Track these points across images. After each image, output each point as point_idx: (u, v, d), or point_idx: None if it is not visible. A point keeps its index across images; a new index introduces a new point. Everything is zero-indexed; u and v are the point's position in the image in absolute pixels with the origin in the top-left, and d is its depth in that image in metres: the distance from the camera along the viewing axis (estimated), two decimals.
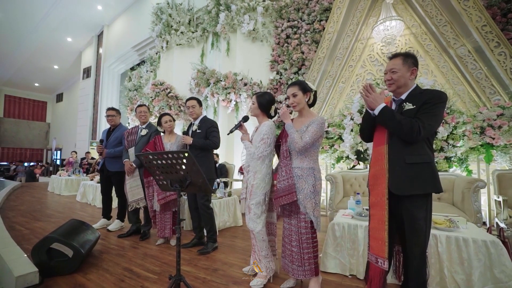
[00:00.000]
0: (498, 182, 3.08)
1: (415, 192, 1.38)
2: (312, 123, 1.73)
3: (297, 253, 1.75)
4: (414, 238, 1.39)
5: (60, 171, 7.67)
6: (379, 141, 1.53)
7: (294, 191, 1.72)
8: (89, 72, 12.14)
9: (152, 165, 1.53)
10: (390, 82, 1.51)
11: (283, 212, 1.86)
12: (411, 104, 1.42)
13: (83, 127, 12.01)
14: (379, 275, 1.40)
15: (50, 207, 5.09)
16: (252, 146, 1.98)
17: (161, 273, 2.11)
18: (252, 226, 1.90)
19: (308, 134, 1.69)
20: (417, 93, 1.47)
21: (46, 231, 3.33)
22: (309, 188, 1.71)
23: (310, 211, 1.70)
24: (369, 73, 4.99)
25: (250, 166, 1.97)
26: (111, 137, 3.35)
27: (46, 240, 2.10)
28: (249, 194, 1.94)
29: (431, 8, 4.26)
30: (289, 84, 1.85)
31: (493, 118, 3.43)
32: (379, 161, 1.48)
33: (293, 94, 1.80)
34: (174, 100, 7.00)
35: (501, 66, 3.76)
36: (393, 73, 1.48)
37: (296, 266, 1.75)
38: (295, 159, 1.79)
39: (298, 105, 1.80)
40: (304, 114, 1.84)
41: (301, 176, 1.74)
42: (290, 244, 1.80)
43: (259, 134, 1.98)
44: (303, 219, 1.74)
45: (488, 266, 1.73)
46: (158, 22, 7.57)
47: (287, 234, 1.83)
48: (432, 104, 1.38)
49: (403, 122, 1.37)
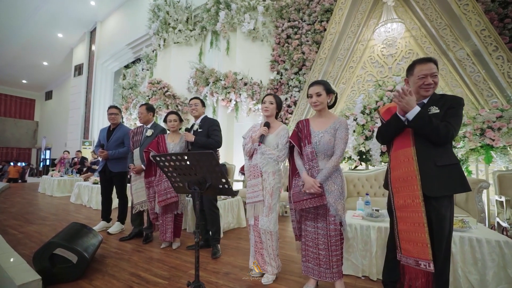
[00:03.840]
0: (499, 183, 3.14)
1: (447, 193, 1.40)
2: (339, 127, 1.74)
3: (325, 256, 1.71)
4: (441, 237, 1.40)
5: (52, 171, 7.42)
6: (402, 144, 1.52)
7: (324, 194, 1.68)
8: (81, 69, 11.82)
9: (169, 166, 1.47)
10: (431, 86, 1.48)
11: (307, 215, 1.81)
12: (437, 108, 1.43)
13: (74, 126, 11.68)
14: (423, 278, 1.38)
15: (43, 209, 4.91)
16: (274, 150, 1.97)
17: (170, 278, 2.05)
18: (272, 227, 1.91)
19: (343, 142, 1.72)
20: (437, 98, 1.51)
21: (42, 234, 3.20)
22: (338, 189, 1.70)
23: (341, 213, 1.69)
24: (369, 75, 5.03)
25: (267, 167, 1.98)
26: (112, 137, 3.24)
27: (49, 245, 2.00)
28: (270, 195, 1.93)
29: (431, 12, 4.32)
30: (313, 82, 1.83)
31: (492, 120, 3.50)
32: (404, 163, 1.48)
33: (317, 93, 1.78)
34: (171, 99, 6.89)
35: (499, 70, 3.85)
36: (435, 77, 1.48)
37: (324, 269, 1.73)
38: (321, 160, 1.75)
39: (320, 105, 1.79)
40: (324, 114, 1.84)
41: (329, 177, 1.71)
42: (316, 248, 1.75)
43: (280, 137, 2.00)
44: (333, 222, 1.71)
45: (502, 266, 1.74)
46: (155, 19, 7.44)
47: (313, 237, 1.78)
48: (456, 108, 1.43)
49: (440, 126, 1.37)
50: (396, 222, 1.53)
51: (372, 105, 4.08)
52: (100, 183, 3.41)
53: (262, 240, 1.99)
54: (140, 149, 2.93)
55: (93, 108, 10.89)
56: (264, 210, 1.94)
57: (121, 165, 3.13)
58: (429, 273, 1.38)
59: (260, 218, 1.95)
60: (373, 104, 4.08)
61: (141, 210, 2.95)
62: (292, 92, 5.53)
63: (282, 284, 1.95)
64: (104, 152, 3.13)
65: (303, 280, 2.02)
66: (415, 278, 1.41)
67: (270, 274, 1.98)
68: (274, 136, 2.01)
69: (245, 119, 5.97)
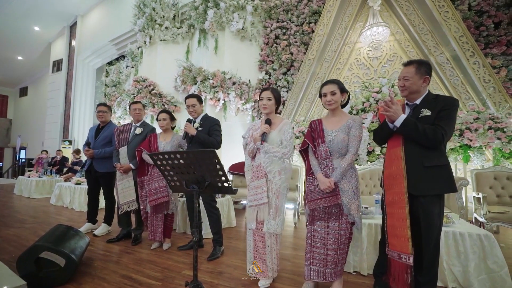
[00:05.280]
0: (476, 181, 3.35)
1: (433, 193, 1.47)
2: (353, 125, 1.72)
3: (333, 256, 1.68)
4: (429, 232, 1.47)
5: (28, 172, 7.03)
6: (394, 143, 1.59)
7: (339, 193, 1.67)
8: (59, 65, 11.26)
9: (167, 164, 1.45)
10: (403, 88, 1.59)
11: (318, 215, 1.74)
12: (428, 110, 1.49)
13: (52, 124, 11.10)
14: (404, 271, 1.45)
15: (20, 211, 4.65)
16: (278, 148, 1.89)
17: (164, 279, 2.02)
18: (279, 230, 1.84)
19: (356, 140, 1.70)
20: (431, 98, 1.56)
21: (21, 238, 3.04)
22: (353, 188, 1.69)
23: (355, 212, 1.68)
24: (356, 76, 5.18)
25: (272, 167, 1.88)
26: (100, 136, 3.13)
27: (34, 249, 1.90)
28: (277, 196, 1.85)
29: (414, 17, 4.52)
30: (326, 81, 1.81)
31: (470, 121, 3.72)
32: (395, 162, 1.55)
33: (332, 92, 1.74)
34: (157, 98, 6.73)
35: (475, 74, 4.09)
36: (406, 80, 1.56)
37: (330, 270, 1.69)
38: (336, 159, 1.73)
39: (335, 104, 1.76)
40: (337, 113, 1.82)
41: (344, 176, 1.70)
42: (324, 249, 1.70)
43: (283, 133, 1.92)
44: (345, 221, 1.69)
45: (482, 258, 1.87)
46: (141, 15, 7.24)
47: (321, 237, 1.72)
48: (449, 110, 1.47)
49: (427, 131, 1.43)
50: (385, 218, 1.61)
51: (359, 106, 4.20)
52: (87, 183, 3.29)
53: (266, 244, 1.88)
54: (128, 147, 2.84)
55: (73, 106, 10.41)
56: (271, 213, 1.85)
57: (107, 165, 3.03)
58: (409, 266, 1.45)
59: (266, 221, 1.85)
60: (359, 105, 4.21)
61: (128, 210, 2.86)
62: (280, 92, 5.57)
63: (277, 282, 1.97)
64: (89, 151, 3.02)
65: (296, 277, 2.05)
66: (397, 271, 1.48)
67: (269, 278, 1.90)
68: (277, 132, 1.93)
69: (234, 119, 5.95)
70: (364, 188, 3.89)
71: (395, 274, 1.50)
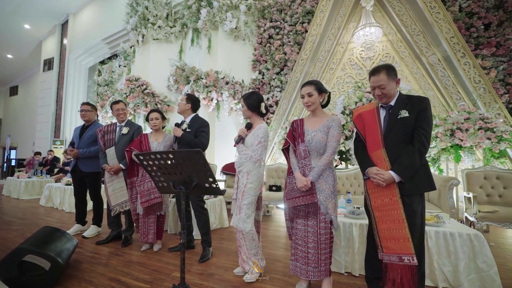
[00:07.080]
0: (467, 180, 3.38)
1: (416, 192, 1.49)
2: (332, 126, 1.75)
3: (314, 254, 1.71)
4: (414, 231, 1.47)
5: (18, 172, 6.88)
6: (374, 146, 1.60)
7: (315, 192, 1.70)
8: (51, 64, 11.06)
9: (153, 165, 1.42)
10: (381, 96, 1.60)
11: (298, 213, 1.80)
12: (406, 111, 1.51)
13: (44, 123, 10.90)
14: (409, 272, 1.43)
15: (8, 213, 4.53)
16: (248, 150, 1.99)
17: (153, 282, 1.98)
18: (242, 227, 1.90)
19: (335, 140, 1.73)
20: (403, 98, 1.59)
21: (7, 241, 2.96)
22: (330, 188, 1.72)
23: (331, 211, 1.70)
24: (349, 76, 5.20)
25: (243, 167, 1.99)
26: (84, 135, 3.06)
27: (17, 252, 1.85)
28: (241, 194, 1.94)
29: (406, 18, 4.55)
30: (305, 83, 1.84)
31: (461, 121, 3.75)
32: (379, 164, 1.55)
33: (308, 94, 1.79)
34: (150, 97, 6.66)
35: (466, 75, 4.14)
36: (383, 88, 1.57)
37: (312, 268, 1.72)
38: (314, 158, 1.76)
39: (312, 105, 1.80)
40: (318, 114, 1.85)
41: (321, 176, 1.72)
42: (305, 246, 1.74)
43: (255, 137, 1.99)
44: (323, 220, 1.72)
45: (472, 257, 1.87)
46: (134, 14, 7.16)
47: (302, 236, 1.76)
48: (426, 111, 1.51)
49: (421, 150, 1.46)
50: (375, 222, 1.59)
51: (352, 106, 4.21)
52: (73, 184, 3.22)
53: (237, 238, 2.05)
54: (115, 148, 2.79)
55: (65, 105, 10.23)
56: (236, 209, 1.97)
57: (92, 165, 2.97)
58: (413, 266, 1.44)
59: (233, 216, 1.99)
60: (352, 105, 4.22)
61: (121, 211, 2.81)
62: (273, 92, 5.57)
63: (268, 283, 1.95)
64: (74, 151, 2.96)
65: (287, 278, 2.03)
66: (399, 274, 1.47)
67: (249, 273, 1.99)
68: (251, 136, 2.02)
69: (227, 118, 5.92)
70: (356, 188, 3.90)
71: (395, 278, 1.48)
